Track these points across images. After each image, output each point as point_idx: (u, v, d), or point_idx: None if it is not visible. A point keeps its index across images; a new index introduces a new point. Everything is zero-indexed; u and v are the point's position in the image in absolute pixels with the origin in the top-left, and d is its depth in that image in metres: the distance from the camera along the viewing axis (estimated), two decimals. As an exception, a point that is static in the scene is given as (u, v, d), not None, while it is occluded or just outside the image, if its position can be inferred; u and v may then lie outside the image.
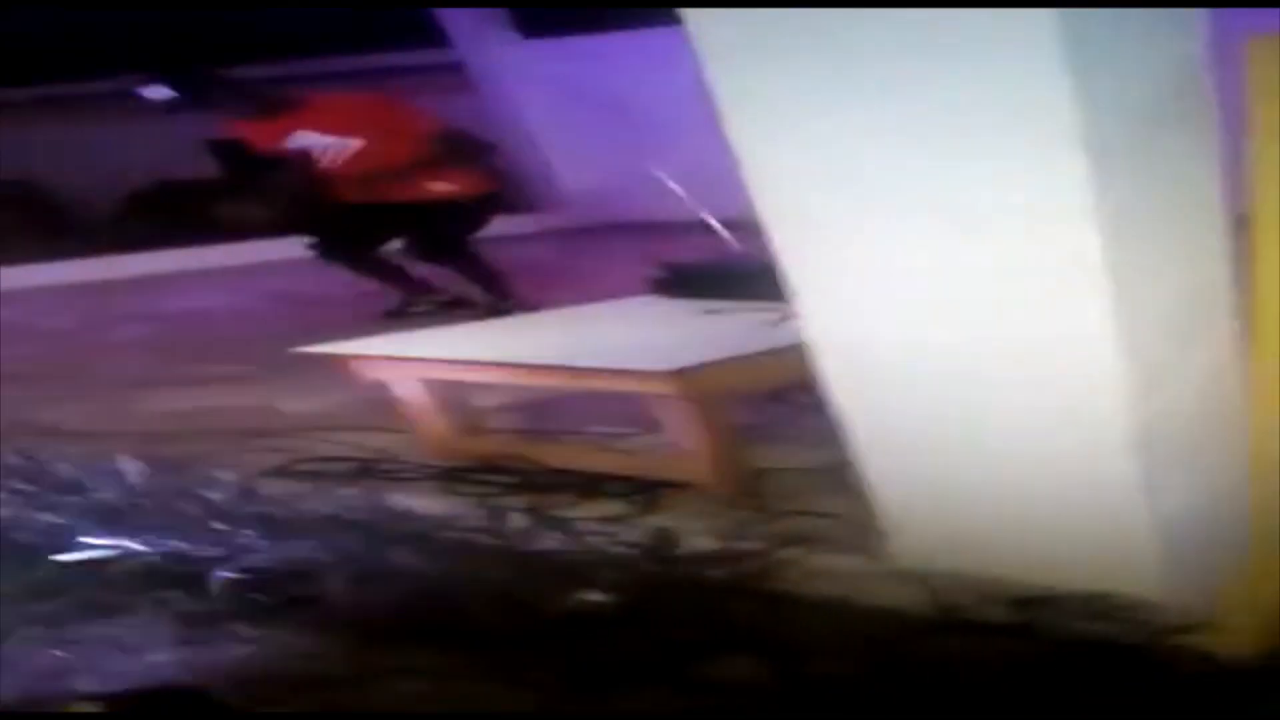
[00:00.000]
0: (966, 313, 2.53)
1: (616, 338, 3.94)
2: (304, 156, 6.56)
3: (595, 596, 2.79)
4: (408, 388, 3.95)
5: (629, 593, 2.79)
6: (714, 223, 4.44)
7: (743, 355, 3.45)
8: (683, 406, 3.41)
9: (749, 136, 2.50)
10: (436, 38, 10.30)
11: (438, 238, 6.68)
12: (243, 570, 2.91)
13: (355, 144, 6.53)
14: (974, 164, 2.33)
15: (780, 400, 3.88)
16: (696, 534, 3.07)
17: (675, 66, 2.68)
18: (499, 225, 7.12)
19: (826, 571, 2.86)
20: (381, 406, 4.07)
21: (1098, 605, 2.54)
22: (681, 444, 3.47)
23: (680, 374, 3.31)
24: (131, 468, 3.54)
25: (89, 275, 9.80)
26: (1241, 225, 2.50)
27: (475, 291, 6.69)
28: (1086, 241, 2.30)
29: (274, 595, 2.88)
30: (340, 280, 6.95)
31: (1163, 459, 2.55)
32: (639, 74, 8.80)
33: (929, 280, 2.52)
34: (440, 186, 6.64)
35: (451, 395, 3.95)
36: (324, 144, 6.54)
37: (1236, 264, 2.60)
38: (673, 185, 4.57)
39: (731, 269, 4.17)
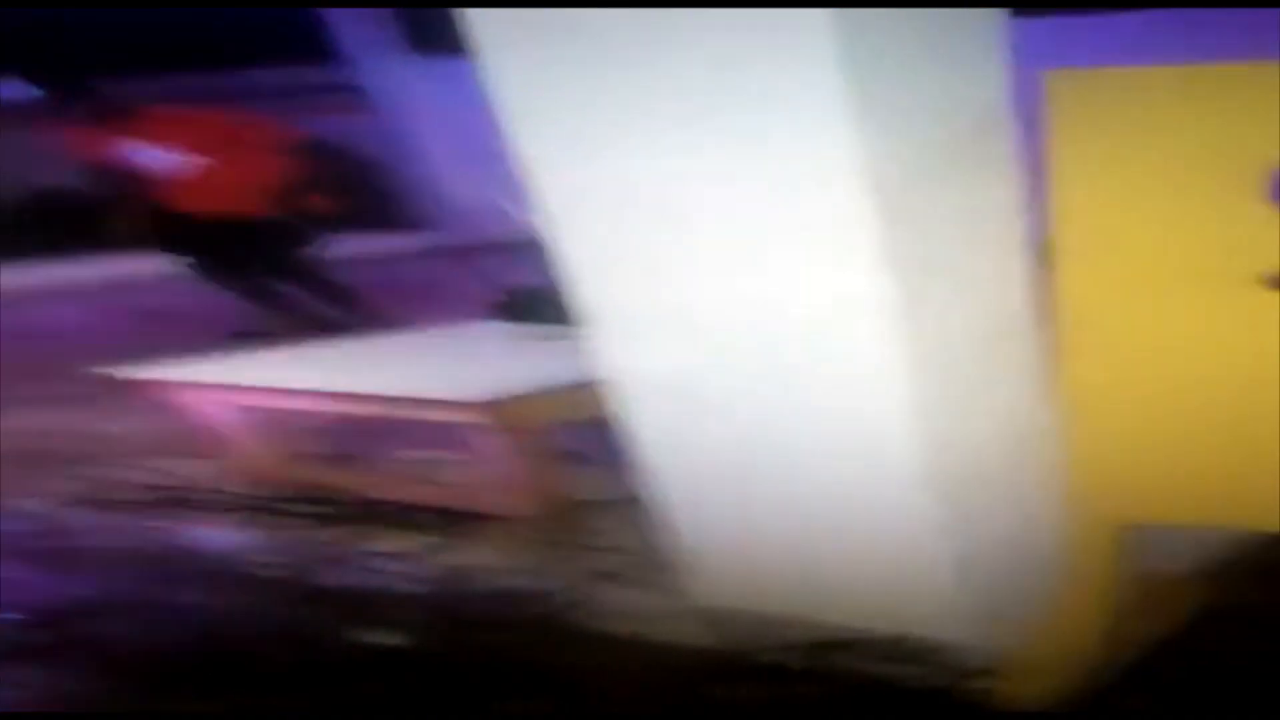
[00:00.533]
0: (756, 347, 2.48)
1: (438, 365, 3.84)
2: (130, 168, 6.35)
3: (385, 636, 2.68)
4: (225, 414, 3.82)
5: (422, 631, 2.69)
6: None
7: (562, 384, 3.36)
8: (495, 437, 3.33)
9: (541, 165, 2.47)
10: (332, 56, 10.19)
11: (284, 255, 6.55)
12: (18, 609, 2.76)
13: (198, 160, 6.34)
14: (762, 198, 2.30)
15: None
16: (499, 569, 2.97)
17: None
18: (383, 243, 7.01)
19: (624, 609, 2.79)
20: (204, 431, 3.92)
21: (896, 648, 2.49)
22: (494, 475, 3.38)
23: (492, 404, 3.24)
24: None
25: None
26: (1045, 254, 2.45)
27: (327, 311, 6.55)
28: (870, 279, 2.27)
29: (51, 636, 2.73)
30: (196, 297, 6.80)
31: (959, 497, 2.51)
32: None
33: (720, 313, 2.48)
34: (291, 203, 6.50)
35: (270, 421, 3.82)
36: (159, 158, 6.34)
37: (1040, 294, 2.56)
38: (508, 207, 4.48)
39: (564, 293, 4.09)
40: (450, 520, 3.39)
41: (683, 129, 2.28)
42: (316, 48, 10.25)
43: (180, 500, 3.66)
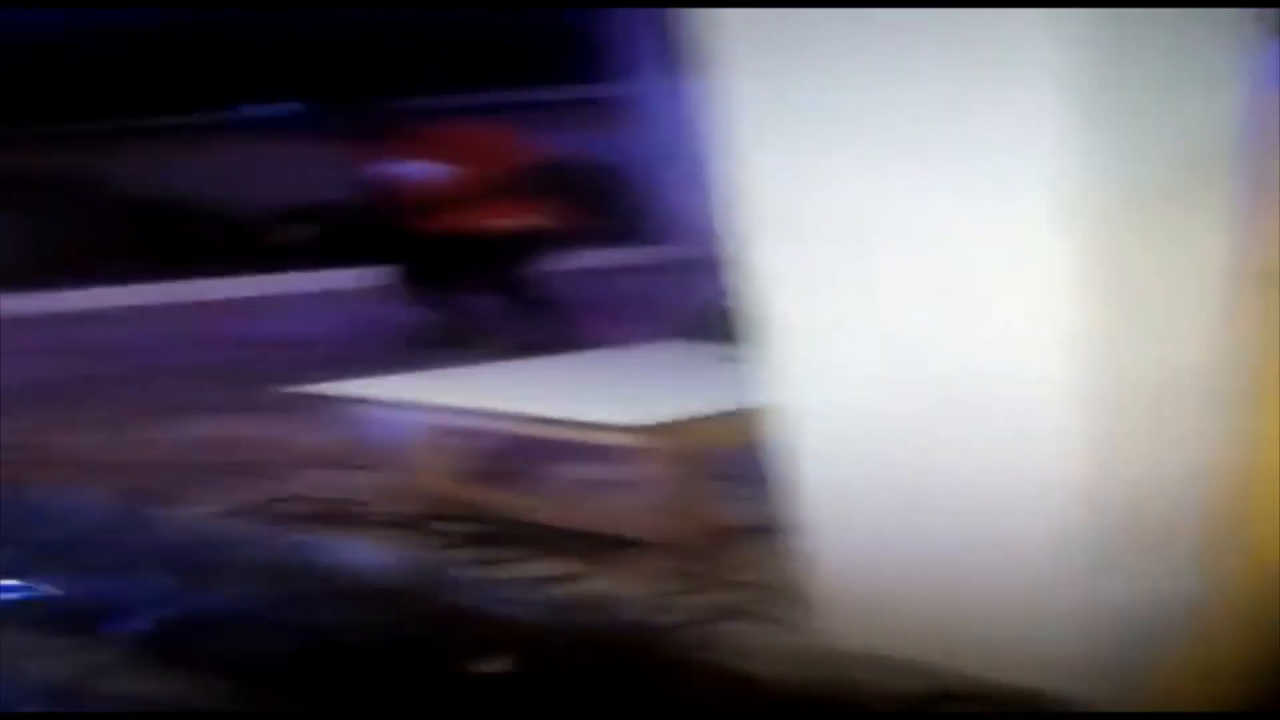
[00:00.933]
0: (936, 379, 2.35)
1: (605, 387, 3.80)
2: (398, 183, 6.58)
3: (503, 663, 2.61)
4: (397, 431, 3.82)
5: (543, 659, 2.61)
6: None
7: (729, 409, 3.24)
8: (656, 462, 3.24)
9: (757, 182, 2.41)
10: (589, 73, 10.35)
11: (507, 269, 6.61)
12: (156, 620, 2.77)
13: (447, 171, 6.54)
14: (956, 227, 2.20)
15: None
16: (633, 598, 2.87)
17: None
18: (619, 256, 7.06)
19: (749, 645, 2.66)
20: (371, 446, 3.96)
21: (1025, 701, 2.31)
22: (649, 500, 3.29)
23: (652, 429, 3.15)
24: (90, 503, 3.45)
25: (197, 295, 9.94)
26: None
27: (516, 325, 6.57)
28: (1063, 313, 2.14)
29: (178, 647, 2.74)
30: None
31: (1117, 545, 2.32)
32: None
33: (905, 341, 2.37)
34: (508, 221, 6.56)
35: (433, 439, 3.80)
36: (414, 172, 6.55)
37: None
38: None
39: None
40: (595, 545, 3.31)
41: (899, 151, 2.21)
42: (584, 66, 10.40)
43: (332, 514, 3.67)
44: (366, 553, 3.26)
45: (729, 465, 3.37)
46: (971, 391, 2.28)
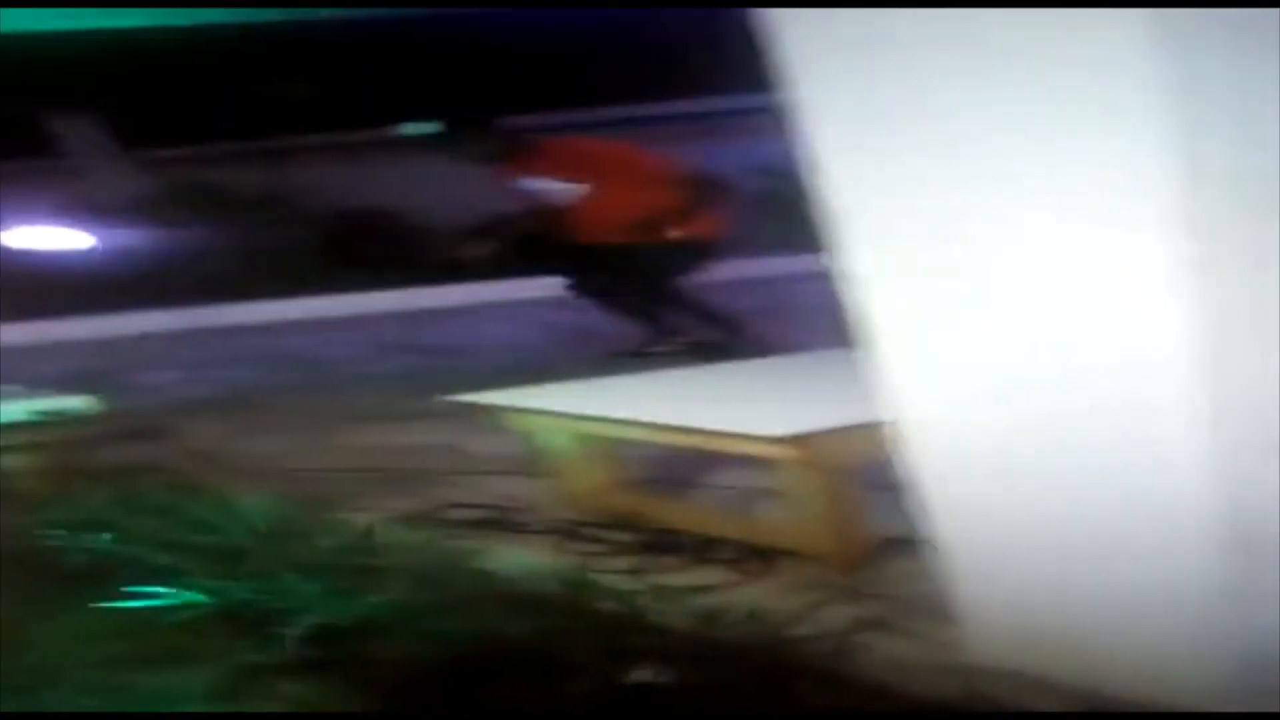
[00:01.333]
0: (1052, 395, 2.32)
1: (760, 396, 3.82)
2: (531, 200, 6.77)
3: (652, 672, 2.64)
4: (555, 439, 3.89)
5: (687, 669, 2.63)
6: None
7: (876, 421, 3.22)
8: (802, 473, 3.23)
9: (850, 200, 2.40)
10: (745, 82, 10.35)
11: (661, 280, 6.68)
12: (313, 625, 2.86)
13: (583, 189, 6.63)
14: (1073, 239, 2.16)
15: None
16: (781, 609, 2.89)
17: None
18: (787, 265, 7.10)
19: (889, 658, 2.67)
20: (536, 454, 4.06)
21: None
22: (800, 512, 3.29)
23: (800, 439, 3.16)
24: (262, 508, 3.57)
25: (383, 305, 10.15)
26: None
27: (709, 335, 6.62)
28: (1182, 327, 2.09)
29: (336, 652, 2.82)
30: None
31: (1255, 563, 2.26)
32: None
33: (1018, 359, 2.33)
34: (672, 232, 6.63)
35: (596, 448, 3.86)
36: (552, 188, 6.65)
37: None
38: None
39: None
40: (748, 556, 3.32)
41: (1000, 161, 2.18)
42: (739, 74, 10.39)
43: (493, 521, 3.75)
44: (526, 559, 3.33)
45: (880, 476, 3.36)
46: (1091, 407, 2.25)
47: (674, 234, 6.66)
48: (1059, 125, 2.06)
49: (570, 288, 6.96)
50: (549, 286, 8.04)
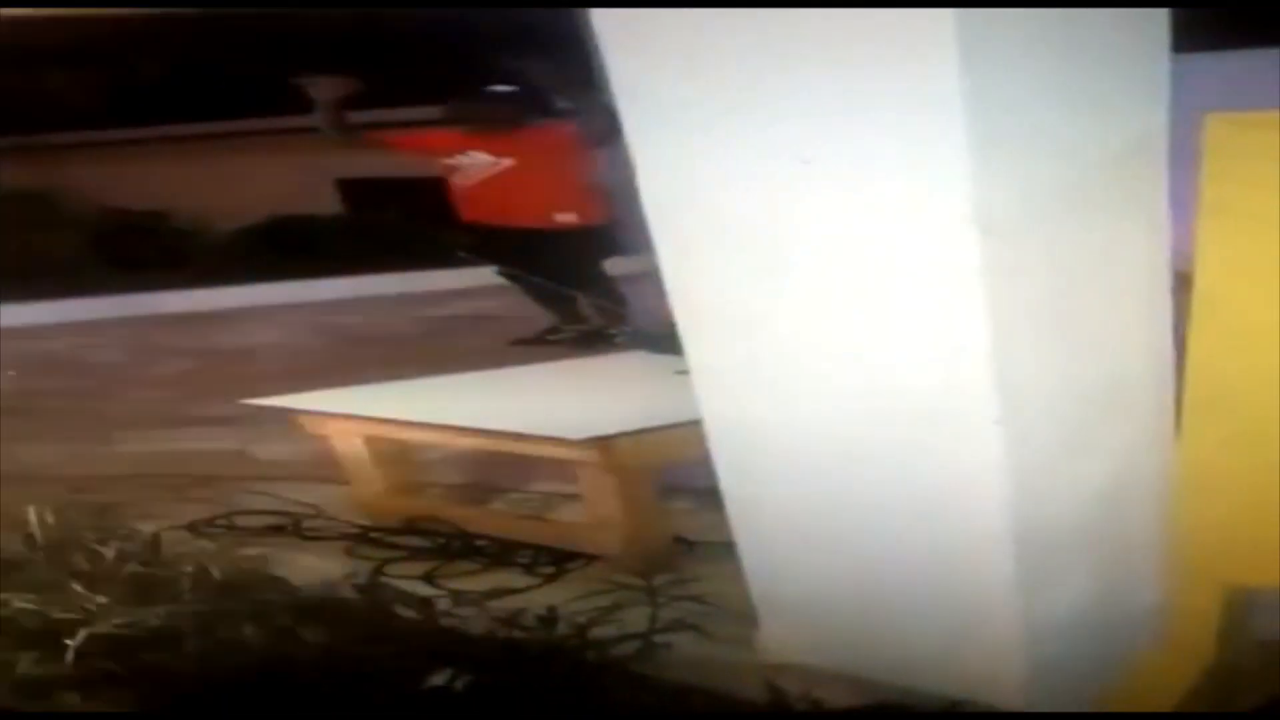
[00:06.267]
0: (847, 395, 2.36)
1: (560, 399, 3.80)
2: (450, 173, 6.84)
3: (449, 677, 2.60)
4: (349, 443, 3.83)
5: (487, 673, 2.61)
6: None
7: (681, 422, 3.24)
8: (601, 476, 3.25)
9: (654, 188, 2.40)
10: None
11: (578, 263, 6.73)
12: (99, 636, 2.76)
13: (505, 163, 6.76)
14: (870, 239, 2.20)
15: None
16: (580, 611, 2.87)
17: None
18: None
19: (689, 659, 2.70)
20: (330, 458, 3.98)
21: (954, 712, 2.33)
22: (598, 514, 3.30)
23: (598, 443, 3.18)
24: (45, 519, 3.44)
25: (175, 307, 9.91)
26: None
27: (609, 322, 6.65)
28: (974, 328, 2.13)
29: (124, 664, 2.73)
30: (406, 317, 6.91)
31: (1044, 557, 2.33)
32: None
33: (813, 359, 2.37)
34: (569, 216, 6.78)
35: (392, 451, 3.82)
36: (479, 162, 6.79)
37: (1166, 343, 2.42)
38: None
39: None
40: (547, 559, 3.34)
41: (792, 163, 2.19)
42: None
43: (285, 527, 3.70)
44: (318, 565, 3.29)
45: (679, 479, 3.39)
46: (883, 406, 2.29)
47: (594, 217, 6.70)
48: (862, 127, 2.09)
49: (503, 271, 6.97)
50: (324, 289, 7.97)
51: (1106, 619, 2.41)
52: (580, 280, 6.83)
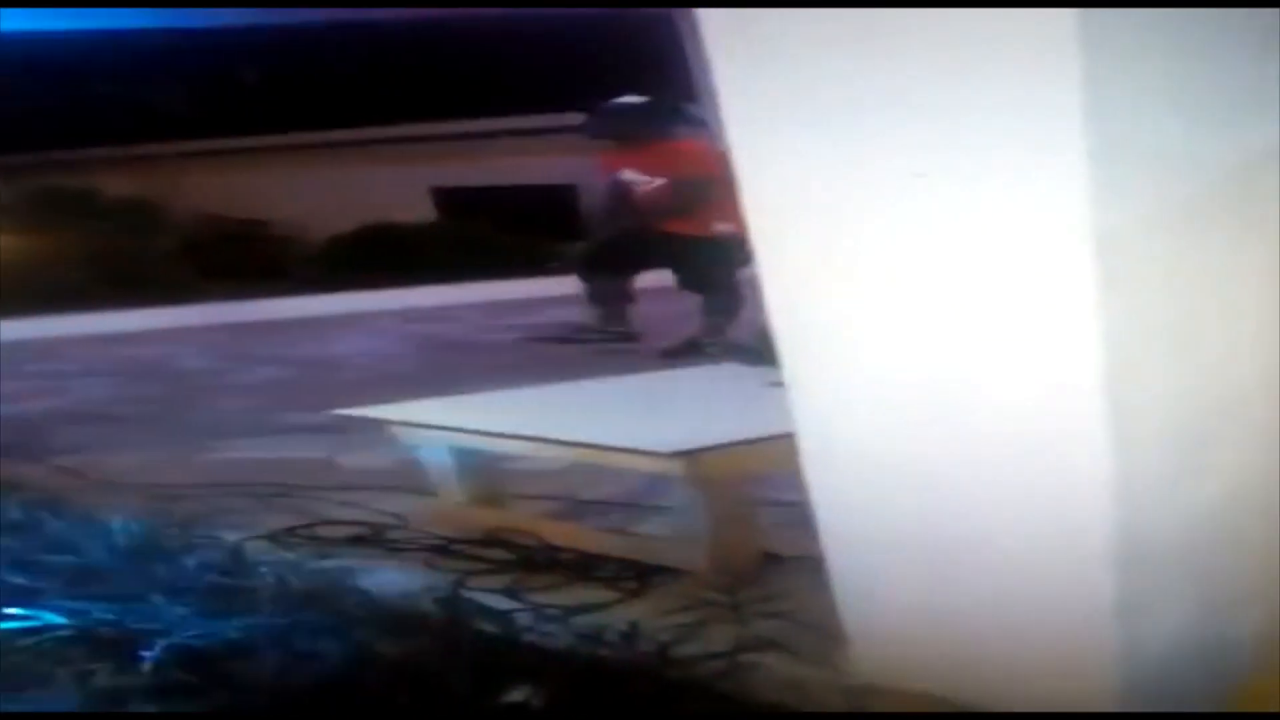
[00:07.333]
0: (950, 412, 2.28)
1: (650, 410, 3.76)
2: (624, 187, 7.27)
3: (528, 693, 2.55)
4: (435, 454, 3.80)
5: (566, 690, 2.55)
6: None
7: (771, 436, 3.17)
8: (687, 489, 3.20)
9: (758, 197, 2.36)
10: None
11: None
12: (174, 647, 2.74)
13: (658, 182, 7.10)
14: (982, 253, 2.13)
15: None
16: (664, 628, 2.81)
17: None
18: None
19: (777, 678, 2.60)
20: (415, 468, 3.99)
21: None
22: (685, 528, 3.25)
23: (684, 456, 3.10)
24: (127, 526, 3.44)
25: (260, 315, 10.00)
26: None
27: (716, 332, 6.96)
28: (1084, 344, 2.05)
29: (202, 675, 2.70)
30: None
31: (1153, 580, 2.24)
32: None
33: (917, 374, 2.29)
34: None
35: (478, 463, 3.78)
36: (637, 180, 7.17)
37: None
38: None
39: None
40: (631, 574, 3.25)
41: (904, 176, 2.14)
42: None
43: (368, 537, 3.65)
44: (400, 577, 3.25)
45: (771, 492, 3.32)
46: (987, 427, 2.22)
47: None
48: (978, 138, 2.03)
49: (680, 281, 7.32)
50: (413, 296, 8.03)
51: (1211, 643, 2.31)
52: (719, 286, 6.97)
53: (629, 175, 7.27)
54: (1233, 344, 2.27)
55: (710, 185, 6.91)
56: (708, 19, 2.25)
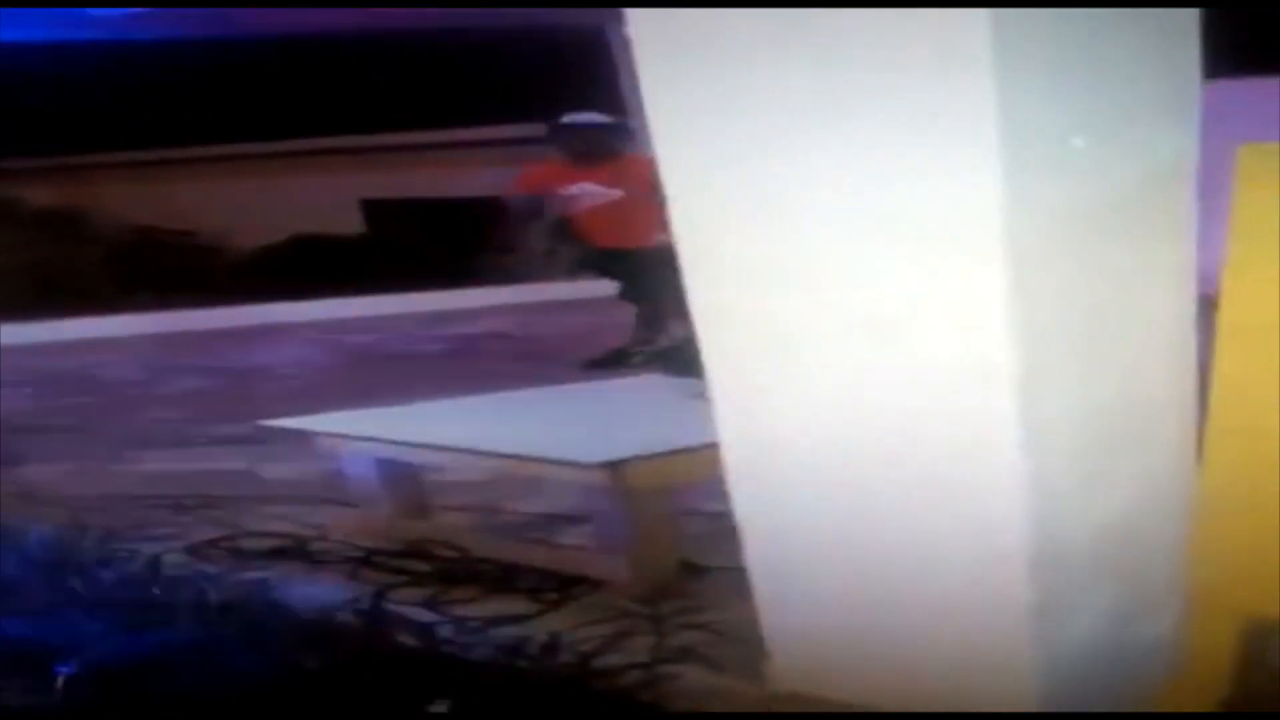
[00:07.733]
0: (868, 419, 2.30)
1: (571, 422, 3.74)
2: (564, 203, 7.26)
3: (449, 705, 2.54)
4: (359, 465, 3.78)
5: (483, 700, 2.55)
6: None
7: (696, 446, 3.17)
8: (609, 500, 3.19)
9: (680, 208, 2.38)
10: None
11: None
12: (89, 663, 2.70)
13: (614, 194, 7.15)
14: (893, 262, 2.16)
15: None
16: (582, 639, 2.81)
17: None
18: None
19: (696, 688, 2.61)
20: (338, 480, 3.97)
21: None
22: (608, 539, 3.25)
23: (608, 467, 3.11)
24: (43, 539, 3.39)
25: (186, 325, 9.90)
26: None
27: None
28: (997, 352, 2.09)
29: (118, 692, 2.67)
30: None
31: (1062, 584, 2.26)
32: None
33: (836, 382, 2.32)
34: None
35: (401, 474, 3.76)
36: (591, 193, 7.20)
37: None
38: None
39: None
40: (552, 584, 3.24)
41: (830, 186, 2.16)
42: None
43: (289, 550, 3.62)
44: (319, 590, 3.22)
45: (691, 503, 3.33)
46: (902, 428, 2.24)
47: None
48: (893, 149, 2.06)
49: (621, 292, 7.33)
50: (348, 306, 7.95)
51: (1123, 647, 2.34)
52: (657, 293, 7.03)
53: (588, 188, 7.33)
54: (1142, 354, 2.31)
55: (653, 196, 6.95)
56: (635, 21, 2.26)
